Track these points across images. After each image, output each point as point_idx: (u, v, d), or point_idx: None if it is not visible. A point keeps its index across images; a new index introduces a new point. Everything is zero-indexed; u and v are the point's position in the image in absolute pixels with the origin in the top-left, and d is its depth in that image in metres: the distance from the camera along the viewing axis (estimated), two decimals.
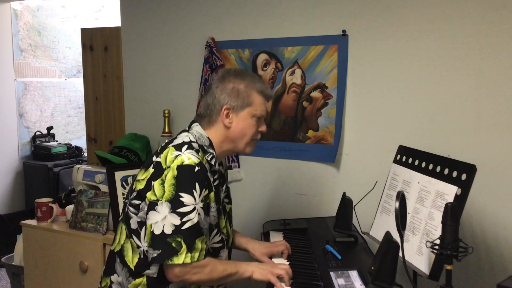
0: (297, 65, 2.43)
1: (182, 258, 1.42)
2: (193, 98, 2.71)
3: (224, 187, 1.71)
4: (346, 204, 1.92)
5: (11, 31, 4.26)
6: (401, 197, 1.37)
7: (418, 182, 1.63)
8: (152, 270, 1.53)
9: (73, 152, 4.44)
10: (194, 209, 1.45)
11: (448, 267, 1.28)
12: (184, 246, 1.42)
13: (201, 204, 1.47)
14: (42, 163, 4.26)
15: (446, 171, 1.51)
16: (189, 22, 2.72)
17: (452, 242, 1.27)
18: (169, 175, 1.46)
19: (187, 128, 1.66)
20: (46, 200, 2.61)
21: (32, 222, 2.62)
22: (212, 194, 1.55)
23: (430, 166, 1.60)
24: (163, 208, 1.45)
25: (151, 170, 1.52)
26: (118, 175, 2.45)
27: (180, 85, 2.78)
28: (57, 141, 4.53)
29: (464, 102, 2.04)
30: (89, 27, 3.35)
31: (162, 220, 1.44)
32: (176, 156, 1.49)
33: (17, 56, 4.32)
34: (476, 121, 2.02)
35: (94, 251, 2.39)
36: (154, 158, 1.54)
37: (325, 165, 2.40)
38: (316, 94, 2.39)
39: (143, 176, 1.54)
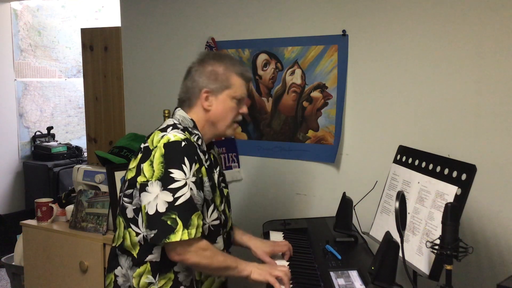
0: (297, 65, 2.43)
1: (179, 235, 1.41)
2: None
3: (217, 169, 1.69)
4: (346, 204, 1.92)
5: (11, 31, 4.26)
6: (401, 197, 1.37)
7: (418, 182, 1.63)
8: (155, 254, 1.53)
9: (73, 152, 4.44)
10: (185, 184, 1.44)
11: (448, 267, 1.28)
12: (180, 223, 1.41)
13: (192, 179, 1.47)
14: (42, 163, 4.26)
15: (446, 171, 1.51)
16: (189, 22, 2.72)
17: (452, 242, 1.27)
18: (157, 154, 1.47)
19: (171, 116, 1.68)
20: (46, 200, 2.61)
21: (32, 222, 2.61)
22: (203, 169, 1.54)
23: (430, 166, 1.60)
24: (154, 187, 1.44)
25: (139, 156, 1.53)
26: (118, 175, 2.44)
27: (180, 85, 2.78)
28: (57, 141, 4.53)
29: (464, 102, 2.04)
30: (89, 27, 3.35)
31: (154, 199, 1.43)
32: (162, 136, 1.50)
33: (17, 56, 4.31)
34: (476, 121, 2.02)
35: (94, 251, 2.39)
36: (142, 145, 1.56)
37: (325, 165, 2.40)
38: (316, 94, 2.39)
39: (133, 164, 1.55)
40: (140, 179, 1.48)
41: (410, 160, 1.74)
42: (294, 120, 2.46)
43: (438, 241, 1.32)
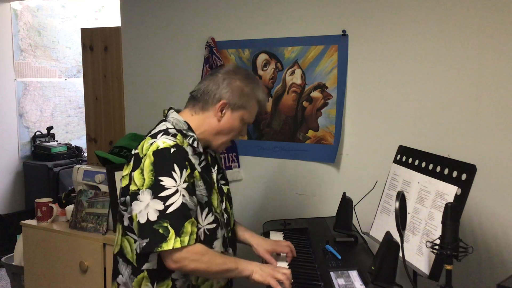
0: (297, 65, 2.43)
1: (171, 243, 1.40)
2: None
3: (216, 168, 1.68)
4: (346, 204, 1.92)
5: (11, 31, 4.26)
6: (401, 197, 1.37)
7: (418, 182, 1.63)
8: (152, 262, 1.52)
9: (73, 152, 4.44)
10: (176, 191, 1.43)
11: (448, 267, 1.28)
12: (172, 231, 1.40)
13: (184, 185, 1.45)
14: (42, 163, 4.26)
15: (446, 171, 1.51)
16: (189, 22, 2.73)
17: (452, 242, 1.27)
18: (147, 163, 1.46)
19: (164, 118, 1.66)
20: (46, 200, 2.61)
21: (32, 222, 2.61)
22: (196, 173, 1.53)
23: (430, 166, 1.60)
24: (145, 195, 1.43)
25: (131, 163, 1.52)
26: (118, 175, 2.44)
27: (180, 85, 2.78)
28: (57, 141, 4.53)
29: (464, 102, 2.04)
30: (89, 27, 3.35)
31: (145, 208, 1.42)
32: (151, 144, 1.49)
33: (17, 56, 4.31)
34: (476, 121, 2.02)
35: (94, 251, 2.39)
36: (133, 151, 1.54)
37: (325, 165, 2.40)
38: (316, 94, 2.39)
39: (126, 171, 1.54)
40: (132, 187, 1.47)
41: (410, 160, 1.74)
42: (294, 120, 2.46)
43: (438, 241, 1.32)
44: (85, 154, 3.92)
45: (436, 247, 1.32)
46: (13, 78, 4.30)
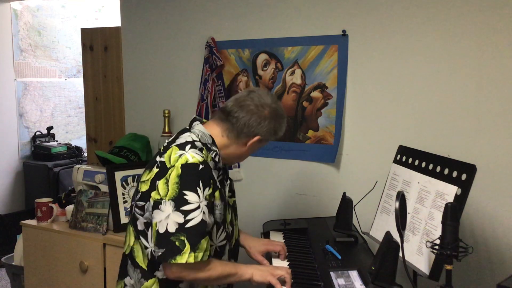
0: (297, 65, 2.43)
1: (185, 257, 1.41)
2: (193, 98, 2.72)
3: (227, 182, 1.71)
4: (346, 204, 1.92)
5: (11, 31, 4.26)
6: (401, 197, 1.37)
7: (418, 182, 1.63)
8: (162, 271, 1.52)
9: (73, 152, 4.44)
10: (198, 207, 1.44)
11: (448, 267, 1.28)
12: (187, 245, 1.42)
13: (205, 202, 1.47)
14: (42, 163, 4.26)
15: (446, 171, 1.51)
16: (189, 22, 2.73)
17: (452, 242, 1.27)
18: (173, 174, 1.47)
19: (188, 127, 1.66)
20: (46, 200, 2.61)
21: (32, 222, 2.61)
22: (217, 193, 1.55)
23: (430, 166, 1.60)
24: (167, 206, 1.44)
25: (155, 170, 1.52)
26: (118, 175, 2.45)
27: (180, 85, 2.79)
28: (57, 141, 4.53)
29: (464, 102, 2.04)
30: (89, 27, 3.35)
31: (165, 218, 1.44)
32: (180, 155, 1.49)
33: (17, 56, 4.31)
34: (476, 121, 2.02)
35: (94, 251, 2.39)
36: (158, 158, 1.55)
37: (325, 165, 2.40)
38: (316, 94, 2.39)
39: (147, 177, 1.54)
40: (154, 195, 1.48)
41: (410, 160, 1.74)
42: (294, 120, 2.46)
43: (438, 241, 1.32)
44: (85, 154, 3.92)
45: (436, 247, 1.32)
46: (13, 78, 4.30)
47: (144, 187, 1.54)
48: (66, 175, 4.19)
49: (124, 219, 2.40)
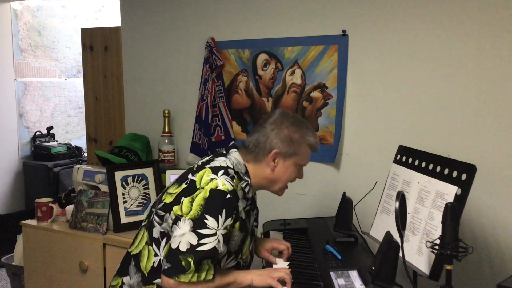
0: (297, 65, 2.43)
1: (189, 277, 1.43)
2: (193, 98, 2.72)
3: (255, 211, 1.72)
4: (346, 204, 1.92)
5: (11, 31, 4.25)
6: (401, 197, 1.37)
7: (418, 182, 1.63)
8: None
9: (73, 152, 4.44)
10: (215, 233, 1.45)
11: (448, 267, 1.28)
12: (193, 267, 1.42)
13: (223, 231, 1.47)
14: (42, 163, 4.25)
15: (446, 171, 1.51)
16: (189, 22, 2.73)
17: (452, 242, 1.27)
18: (200, 196, 1.48)
19: (224, 152, 1.67)
20: (46, 200, 2.61)
21: (32, 222, 2.61)
22: (237, 224, 1.55)
23: (430, 166, 1.60)
24: (185, 224, 1.46)
25: (183, 186, 1.55)
26: (118, 175, 2.45)
27: (180, 85, 2.79)
28: (57, 141, 4.52)
29: (464, 102, 2.04)
30: (89, 27, 3.35)
31: (180, 235, 1.45)
32: (212, 179, 1.51)
33: (17, 56, 4.31)
34: (476, 121, 2.02)
35: (94, 251, 2.39)
36: (190, 176, 1.57)
37: (325, 165, 2.40)
38: (316, 94, 2.39)
39: (175, 190, 1.57)
40: (177, 210, 1.50)
41: (410, 160, 1.74)
42: None
43: (438, 241, 1.32)
44: (85, 154, 3.91)
45: (436, 247, 1.32)
46: (13, 78, 4.29)
47: (168, 199, 1.56)
48: (66, 175, 4.18)
49: (124, 219, 2.40)
